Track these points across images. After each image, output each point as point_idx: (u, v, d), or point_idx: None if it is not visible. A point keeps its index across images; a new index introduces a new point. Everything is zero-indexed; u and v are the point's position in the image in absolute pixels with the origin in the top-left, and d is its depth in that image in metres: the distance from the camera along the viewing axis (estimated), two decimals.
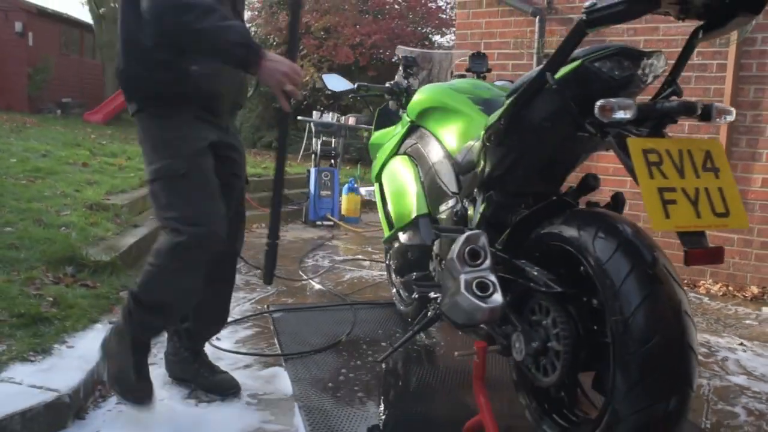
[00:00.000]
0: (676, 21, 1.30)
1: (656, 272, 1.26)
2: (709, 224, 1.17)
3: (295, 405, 2.00)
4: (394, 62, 11.37)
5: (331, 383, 2.18)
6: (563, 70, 1.37)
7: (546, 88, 1.39)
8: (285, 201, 6.39)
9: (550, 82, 1.36)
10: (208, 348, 2.20)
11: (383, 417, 1.97)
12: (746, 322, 3.20)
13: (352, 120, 9.31)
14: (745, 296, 3.64)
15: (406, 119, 2.38)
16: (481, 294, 1.48)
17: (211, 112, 1.79)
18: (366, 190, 2.90)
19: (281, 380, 2.20)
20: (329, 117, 8.39)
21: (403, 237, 2.28)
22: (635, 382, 1.23)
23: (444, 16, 10.64)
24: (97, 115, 11.32)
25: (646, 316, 1.22)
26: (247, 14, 10.18)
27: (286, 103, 1.69)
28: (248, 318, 2.83)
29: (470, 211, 1.87)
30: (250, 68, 1.58)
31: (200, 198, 1.73)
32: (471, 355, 1.56)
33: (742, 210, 1.20)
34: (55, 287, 2.58)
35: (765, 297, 3.62)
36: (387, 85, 2.56)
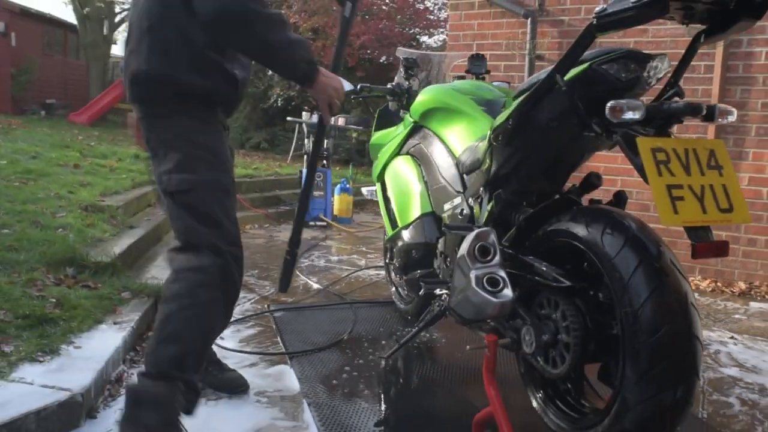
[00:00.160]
0: (666, 23, 1.35)
1: (663, 265, 1.31)
2: (714, 219, 1.23)
3: (304, 402, 2.03)
4: (382, 63, 11.43)
5: (337, 380, 2.21)
6: (572, 72, 1.41)
7: (555, 89, 1.44)
8: (277, 202, 6.40)
9: (560, 83, 1.40)
10: (213, 347, 2.22)
11: (390, 411, 2.01)
12: (735, 316, 3.28)
13: (341, 121, 9.29)
14: (733, 292, 3.73)
15: (409, 120, 2.42)
16: (492, 289, 1.52)
17: (229, 116, 1.76)
18: (367, 190, 2.93)
19: (288, 378, 2.23)
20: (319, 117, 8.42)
21: (407, 235, 2.32)
22: (644, 372, 1.28)
23: (432, 17, 10.71)
24: (82, 117, 11.21)
25: (655, 308, 1.27)
26: None
27: (329, 117, 1.74)
28: (250, 317, 2.86)
29: (476, 210, 1.91)
30: (308, 83, 1.60)
31: (236, 216, 1.65)
32: (482, 348, 1.61)
33: (744, 206, 1.26)
34: (57, 288, 2.58)
35: (752, 292, 3.71)
36: (389, 86, 2.60)
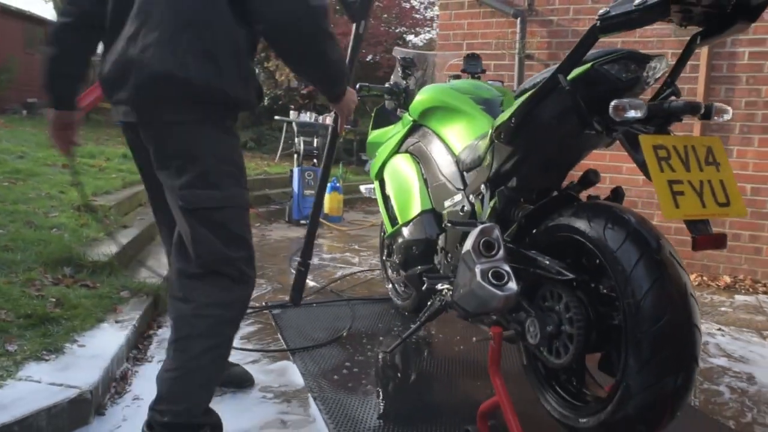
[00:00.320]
0: (653, 24, 1.41)
1: (663, 258, 1.36)
2: (713, 213, 1.29)
3: (309, 396, 2.07)
4: (369, 62, 11.47)
5: (340, 375, 2.25)
6: (575, 72, 1.46)
7: (558, 88, 1.49)
8: (267, 201, 6.41)
9: (563, 83, 1.45)
10: None
11: (394, 404, 2.05)
12: (722, 309, 3.38)
13: (330, 119, 9.34)
14: (719, 285, 3.83)
15: (408, 118, 2.46)
16: (497, 282, 1.57)
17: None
18: (366, 188, 2.96)
19: (291, 373, 2.26)
20: (306, 116, 8.43)
21: (408, 232, 2.36)
22: (647, 360, 1.33)
23: (418, 15, 10.76)
24: None
25: (656, 299, 1.32)
26: None
27: (344, 128, 1.85)
28: (249, 315, 2.88)
29: (477, 206, 1.96)
30: (337, 100, 1.66)
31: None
32: (488, 339, 1.65)
33: (740, 200, 1.32)
34: (56, 288, 2.58)
35: (737, 286, 3.82)
36: (387, 85, 2.64)
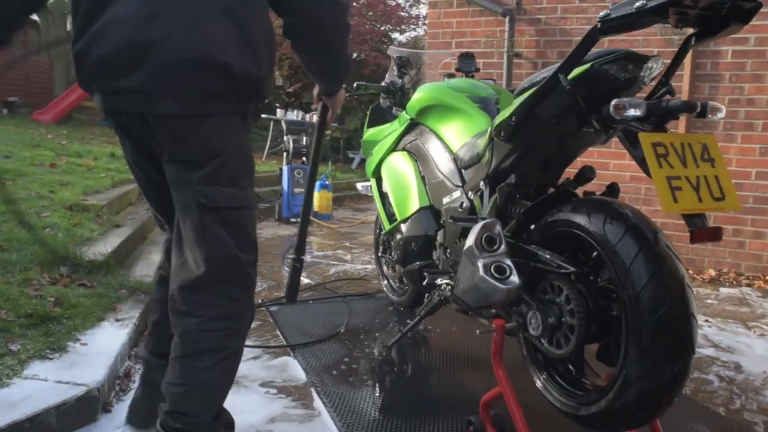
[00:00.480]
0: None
1: (661, 251, 1.42)
2: (709, 207, 1.34)
3: (312, 390, 2.10)
4: (354, 59, 11.47)
5: (341, 369, 2.29)
6: (575, 72, 1.51)
7: (558, 87, 1.53)
8: (256, 199, 6.41)
9: (564, 83, 1.50)
10: None
11: (396, 396, 2.09)
12: (707, 301, 3.47)
13: (315, 118, 9.35)
14: (704, 279, 3.93)
15: (405, 117, 2.50)
16: (499, 276, 1.62)
17: None
18: (362, 186, 3.00)
19: (292, 369, 2.29)
20: (294, 114, 8.43)
21: (406, 229, 2.40)
22: (646, 348, 1.38)
23: (403, 13, 10.79)
24: (46, 115, 10.91)
25: (655, 290, 1.38)
26: None
27: (332, 123, 1.89)
28: None
29: (476, 203, 2.00)
30: (334, 94, 1.69)
31: None
32: (490, 332, 1.70)
33: (735, 195, 1.38)
34: (54, 288, 2.59)
35: (721, 279, 3.92)
36: (383, 84, 2.67)
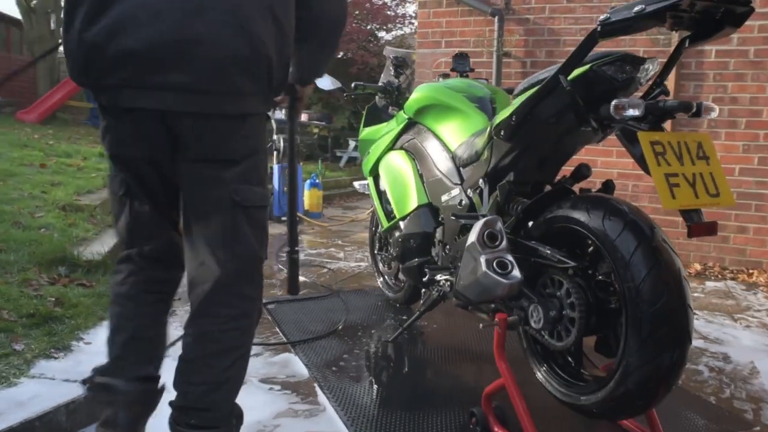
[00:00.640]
0: None
1: (658, 245, 1.48)
2: (705, 203, 1.40)
3: (315, 386, 2.14)
4: (341, 58, 11.48)
5: (343, 364, 2.32)
6: (574, 73, 1.57)
7: (558, 88, 1.59)
8: None
9: (564, 83, 1.55)
10: None
11: (399, 389, 2.13)
12: (694, 294, 3.56)
13: (304, 116, 9.35)
14: (690, 273, 4.02)
15: (403, 116, 2.54)
16: (501, 271, 1.67)
17: None
18: (360, 184, 3.04)
19: (294, 365, 2.32)
20: (282, 114, 8.42)
21: (405, 226, 2.44)
22: (645, 338, 1.44)
23: (390, 12, 10.82)
24: (31, 115, 10.77)
25: (654, 283, 1.44)
26: None
27: (301, 114, 1.87)
28: None
29: (475, 200, 2.05)
30: (310, 83, 1.71)
31: None
32: (493, 325, 1.75)
33: (729, 191, 1.44)
34: (53, 288, 2.60)
35: (707, 272, 4.02)
36: (380, 84, 2.71)
